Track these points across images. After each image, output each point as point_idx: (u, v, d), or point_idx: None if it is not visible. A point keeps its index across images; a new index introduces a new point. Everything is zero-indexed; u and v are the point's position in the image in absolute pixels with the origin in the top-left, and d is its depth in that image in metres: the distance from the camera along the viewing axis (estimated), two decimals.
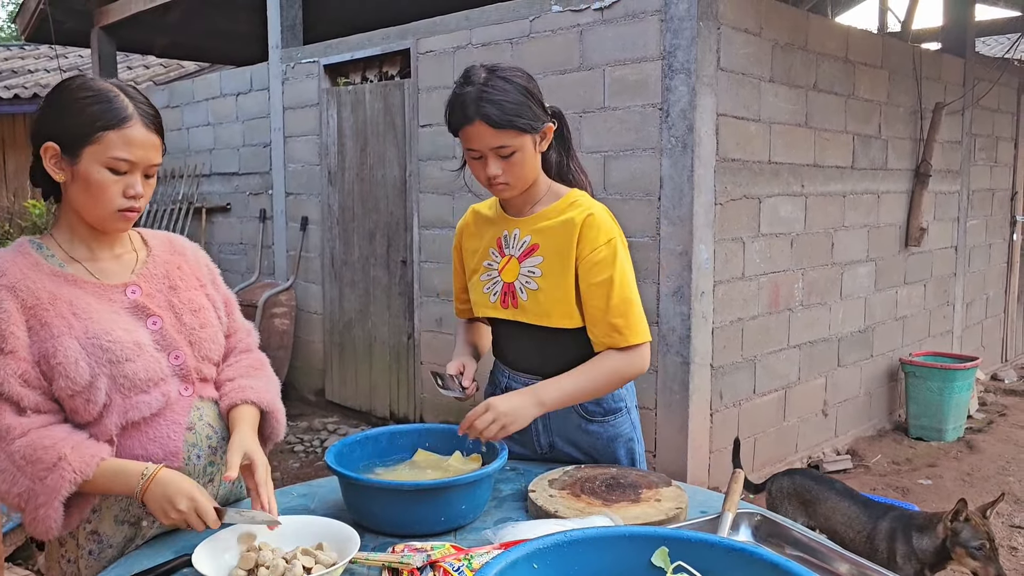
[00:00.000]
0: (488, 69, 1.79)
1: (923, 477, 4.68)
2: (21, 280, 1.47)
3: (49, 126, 1.49)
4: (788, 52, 4.43)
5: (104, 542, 1.55)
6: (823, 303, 4.93)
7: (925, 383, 5.34)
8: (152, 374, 1.52)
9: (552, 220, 1.87)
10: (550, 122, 1.85)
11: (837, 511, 3.21)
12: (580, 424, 1.94)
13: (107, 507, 1.54)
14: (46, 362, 1.45)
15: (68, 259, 1.54)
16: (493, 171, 1.79)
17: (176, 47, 8.69)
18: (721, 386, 4.22)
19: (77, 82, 1.50)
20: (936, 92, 5.72)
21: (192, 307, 1.64)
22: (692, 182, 3.87)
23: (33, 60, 11.66)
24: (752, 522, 1.57)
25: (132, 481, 1.43)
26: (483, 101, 1.74)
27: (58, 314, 1.47)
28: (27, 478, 1.41)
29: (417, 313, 5.34)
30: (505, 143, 1.76)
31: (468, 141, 1.80)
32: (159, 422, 1.54)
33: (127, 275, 1.59)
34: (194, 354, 1.61)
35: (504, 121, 1.74)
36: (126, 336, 1.50)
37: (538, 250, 1.87)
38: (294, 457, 5.15)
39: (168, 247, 1.70)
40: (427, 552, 1.40)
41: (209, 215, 6.99)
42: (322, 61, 5.76)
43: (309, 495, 1.79)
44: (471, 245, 2.02)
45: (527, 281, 1.88)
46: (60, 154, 1.48)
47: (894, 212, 5.53)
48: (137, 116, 1.48)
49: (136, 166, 1.49)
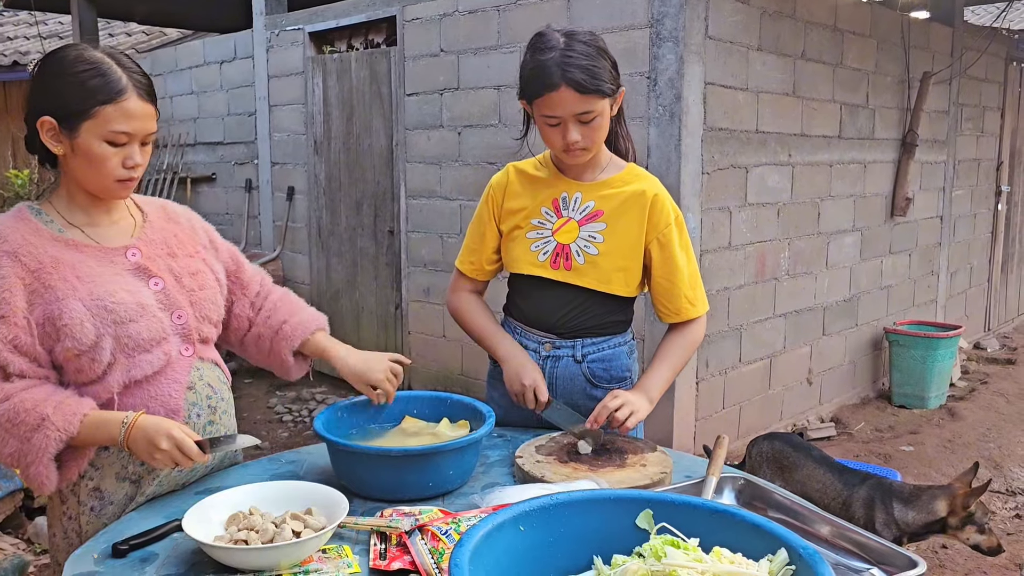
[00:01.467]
0: (565, 33, 1.77)
1: (905, 444, 4.75)
2: (23, 245, 1.49)
3: (45, 100, 1.50)
4: (777, 20, 4.40)
5: (105, 499, 1.58)
6: (809, 272, 4.96)
7: (909, 351, 5.40)
8: (155, 333, 1.55)
9: (617, 189, 1.89)
10: (622, 87, 1.85)
11: (813, 477, 3.25)
12: (585, 388, 1.96)
13: (108, 464, 1.57)
14: (51, 324, 1.47)
15: (67, 224, 1.56)
16: (573, 136, 1.78)
17: (158, 14, 8.55)
18: (707, 355, 4.25)
19: (72, 54, 1.50)
20: (924, 61, 5.72)
21: (190, 270, 1.67)
22: (679, 151, 3.87)
23: (12, 27, 11.46)
24: (735, 486, 1.59)
25: (114, 430, 1.47)
26: (569, 66, 1.71)
27: (61, 277, 1.49)
28: (15, 439, 1.45)
29: (405, 283, 5.34)
30: (589, 108, 1.76)
31: (550, 107, 1.77)
32: (160, 380, 1.57)
33: (126, 238, 1.62)
34: (195, 314, 1.64)
35: (592, 86, 1.73)
36: (129, 297, 1.53)
37: (601, 216, 1.89)
38: (283, 427, 5.16)
39: (163, 214, 1.73)
40: (415, 516, 1.42)
41: (194, 185, 6.94)
42: (307, 28, 5.69)
43: (298, 462, 1.80)
44: (514, 204, 1.97)
45: (586, 245, 1.89)
46: (58, 128, 1.49)
47: (880, 182, 5.55)
48: (132, 88, 1.49)
49: (134, 137, 1.51)
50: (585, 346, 1.95)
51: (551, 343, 1.96)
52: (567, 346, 1.95)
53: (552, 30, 1.79)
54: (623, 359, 2.00)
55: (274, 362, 1.83)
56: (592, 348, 1.96)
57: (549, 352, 1.96)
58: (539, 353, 1.96)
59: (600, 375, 1.96)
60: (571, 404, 1.95)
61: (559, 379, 1.96)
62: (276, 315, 1.82)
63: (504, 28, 4.50)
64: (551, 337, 1.96)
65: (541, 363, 1.96)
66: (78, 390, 1.52)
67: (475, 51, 4.65)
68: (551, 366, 1.96)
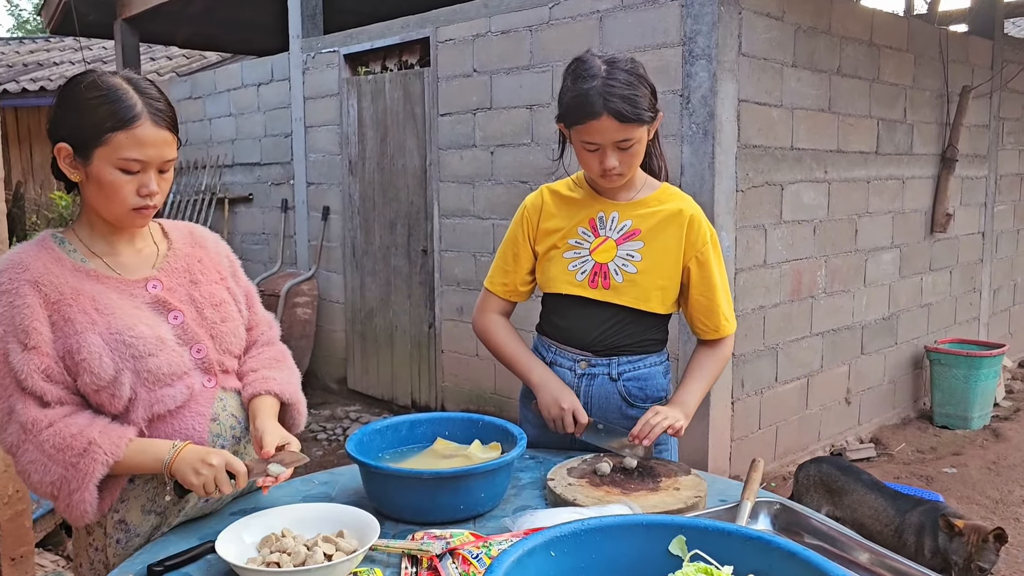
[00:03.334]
0: (606, 61, 1.78)
1: (948, 466, 4.64)
2: (44, 275, 1.48)
3: (61, 127, 1.49)
4: (811, 36, 4.37)
5: (131, 531, 1.57)
6: (846, 290, 4.89)
7: (950, 371, 5.28)
8: (175, 368, 1.54)
9: (653, 208, 1.91)
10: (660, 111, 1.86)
11: (864, 503, 3.18)
12: (621, 407, 1.95)
13: (134, 497, 1.56)
14: (71, 358, 1.46)
15: (89, 254, 1.55)
16: (611, 163, 1.80)
17: (198, 38, 8.74)
18: (743, 374, 4.20)
19: (86, 80, 1.48)
20: (963, 75, 5.63)
21: (213, 301, 1.65)
22: (713, 169, 3.85)
23: (58, 52, 11.78)
24: (771, 511, 1.56)
25: (162, 452, 1.47)
26: (611, 96, 1.73)
27: (81, 310, 1.47)
28: (59, 466, 1.43)
29: (438, 302, 5.36)
30: (629, 136, 1.77)
31: (590, 135, 1.79)
32: (184, 414, 1.56)
33: (148, 269, 1.60)
34: (216, 347, 1.63)
35: (633, 115, 1.75)
36: (148, 331, 1.51)
37: (639, 235, 1.90)
38: (317, 445, 5.19)
39: (189, 239, 1.71)
40: (446, 539, 1.41)
41: (232, 205, 7.04)
42: (342, 50, 5.77)
43: (330, 483, 1.81)
44: (550, 224, 1.97)
45: (624, 264, 1.90)
46: (73, 155, 1.48)
47: (919, 198, 5.46)
48: (146, 114, 1.46)
49: (148, 164, 1.48)
50: (621, 364, 1.95)
51: (587, 360, 1.95)
52: (603, 364, 1.94)
53: (593, 56, 1.80)
54: (659, 379, 1.99)
55: None
56: (628, 367, 1.95)
57: (584, 370, 1.95)
58: (574, 371, 1.96)
59: (636, 394, 1.95)
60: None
61: (594, 398, 1.95)
62: (252, 363, 1.73)
63: (536, 48, 4.52)
64: (586, 355, 1.96)
65: (576, 381, 1.95)
66: None
67: (507, 71, 4.67)
68: (586, 384, 1.95)
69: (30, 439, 1.44)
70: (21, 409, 1.44)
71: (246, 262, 7.00)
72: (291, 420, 1.74)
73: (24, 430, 1.44)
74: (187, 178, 7.31)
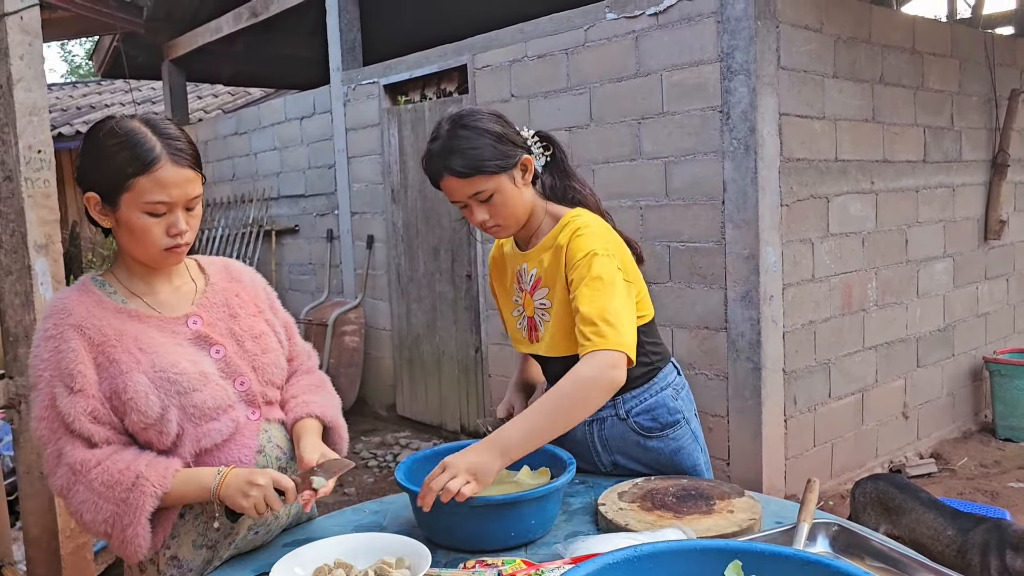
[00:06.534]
0: (452, 120, 1.80)
1: (1014, 480, 4.49)
2: (87, 318, 1.51)
3: (87, 176, 1.52)
4: (851, 46, 4.32)
5: (184, 566, 1.58)
6: (899, 302, 4.78)
7: (1012, 381, 5.12)
8: (220, 402, 1.56)
9: (548, 249, 1.86)
10: (527, 154, 1.84)
11: (922, 523, 3.09)
12: (639, 441, 1.92)
13: (185, 532, 1.58)
14: (117, 398, 1.48)
15: (129, 295, 1.58)
16: (480, 217, 1.81)
17: (242, 75, 8.97)
18: (795, 391, 4.13)
19: (105, 128, 1.50)
20: (1011, 78, 5.51)
21: (253, 333, 1.67)
22: (756, 184, 3.81)
23: (109, 95, 12.16)
24: (829, 532, 1.52)
25: (208, 479, 1.49)
26: (448, 153, 1.76)
27: (125, 350, 1.50)
28: (110, 503, 1.45)
29: (484, 326, 5.37)
30: (479, 188, 1.77)
31: (448, 194, 1.82)
32: (230, 447, 1.58)
33: (187, 306, 1.63)
34: (258, 379, 1.65)
35: (471, 169, 1.75)
36: (192, 367, 1.54)
37: (542, 282, 1.87)
38: (368, 472, 5.22)
39: (225, 274, 1.74)
40: (498, 568, 1.41)
41: (278, 237, 7.17)
42: (381, 81, 5.86)
43: (381, 512, 1.81)
44: (501, 281, 2.04)
45: (542, 315, 1.89)
46: (101, 203, 1.51)
47: (971, 205, 5.34)
48: (166, 155, 1.47)
49: (174, 205, 1.50)
50: (626, 402, 1.91)
51: None
52: (608, 407, 1.90)
53: (445, 118, 1.81)
54: (668, 403, 1.93)
55: None
56: (633, 402, 1.91)
57: (593, 416, 1.90)
58: (584, 422, 1.86)
59: (649, 426, 1.91)
60: (631, 458, 1.94)
61: (610, 439, 1.93)
62: (292, 389, 1.76)
63: (573, 71, 4.54)
64: None
65: (586, 429, 1.92)
66: None
67: (545, 95, 4.70)
68: (598, 429, 1.93)
69: (80, 480, 1.46)
70: (70, 451, 1.47)
71: (293, 292, 7.15)
72: (333, 444, 1.76)
73: (73, 471, 1.46)
74: (235, 212, 7.46)
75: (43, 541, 2.87)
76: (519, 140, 1.84)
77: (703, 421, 2.12)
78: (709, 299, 4.06)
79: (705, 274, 4.06)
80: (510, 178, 1.80)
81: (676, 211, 4.15)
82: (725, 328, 3.99)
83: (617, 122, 4.33)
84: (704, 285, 4.07)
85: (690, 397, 2.02)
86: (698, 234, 4.04)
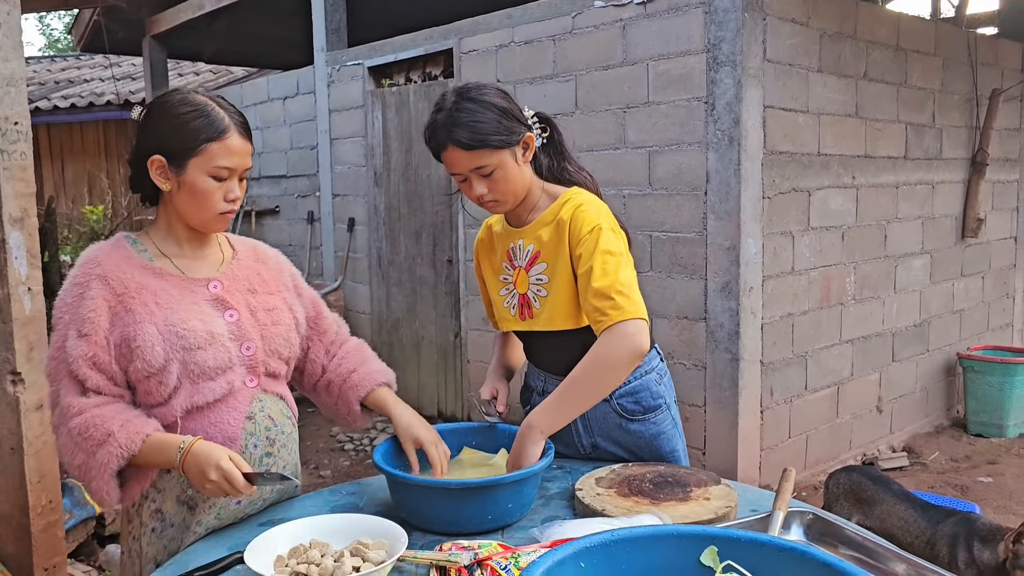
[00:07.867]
0: (458, 92, 1.79)
1: (983, 475, 4.56)
2: (113, 270, 1.59)
3: (154, 140, 1.61)
4: (837, 41, 4.34)
5: (166, 521, 1.63)
6: (876, 297, 4.82)
7: (984, 378, 5.19)
8: (221, 362, 1.61)
9: (548, 224, 1.86)
10: (529, 132, 1.84)
11: (893, 514, 3.13)
12: (621, 423, 1.93)
13: (170, 488, 1.62)
14: (126, 345, 1.55)
15: (158, 254, 1.66)
16: (479, 191, 1.81)
17: (225, 53, 8.85)
18: (771, 382, 4.16)
19: (177, 98, 1.62)
20: (993, 78, 5.56)
21: (267, 307, 1.73)
22: (739, 176, 3.82)
23: (88, 69, 11.99)
24: (804, 521, 1.54)
25: (171, 454, 1.52)
26: (452, 125, 1.75)
27: (142, 302, 1.58)
28: (82, 453, 1.52)
29: (464, 312, 5.36)
30: (482, 163, 1.77)
31: (449, 166, 1.81)
32: (221, 408, 1.62)
33: (212, 271, 1.70)
34: (264, 347, 1.69)
35: (475, 142, 1.75)
36: (201, 326, 1.60)
37: (540, 257, 1.87)
38: (344, 455, 5.21)
39: (252, 254, 1.82)
40: (474, 550, 1.41)
41: (258, 218, 7.11)
42: (366, 63, 5.82)
43: (358, 493, 1.81)
44: (489, 261, 2.03)
45: (538, 290, 1.88)
46: (167, 165, 1.60)
47: (949, 203, 5.39)
48: (234, 126, 1.61)
49: (235, 172, 1.63)
50: None
51: None
52: None
53: (450, 90, 1.81)
54: (651, 387, 1.94)
55: (341, 410, 1.89)
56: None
57: None
58: None
59: (632, 409, 1.92)
60: (612, 440, 1.94)
61: (592, 420, 1.93)
62: (346, 363, 1.88)
63: (559, 58, 4.52)
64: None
65: None
66: (145, 411, 1.58)
67: (531, 80, 4.68)
68: None
69: (64, 424, 1.54)
70: (63, 393, 1.55)
71: None
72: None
73: (61, 414, 1.55)
74: None
75: (14, 518, 2.84)
76: (523, 117, 1.84)
77: (680, 410, 2.13)
78: (689, 289, 4.07)
79: (686, 264, 4.07)
80: (512, 154, 1.80)
81: (659, 201, 4.15)
82: (704, 318, 4.01)
83: (602, 110, 4.33)
84: (685, 275, 4.09)
85: (671, 384, 2.03)
86: (680, 224, 4.05)
